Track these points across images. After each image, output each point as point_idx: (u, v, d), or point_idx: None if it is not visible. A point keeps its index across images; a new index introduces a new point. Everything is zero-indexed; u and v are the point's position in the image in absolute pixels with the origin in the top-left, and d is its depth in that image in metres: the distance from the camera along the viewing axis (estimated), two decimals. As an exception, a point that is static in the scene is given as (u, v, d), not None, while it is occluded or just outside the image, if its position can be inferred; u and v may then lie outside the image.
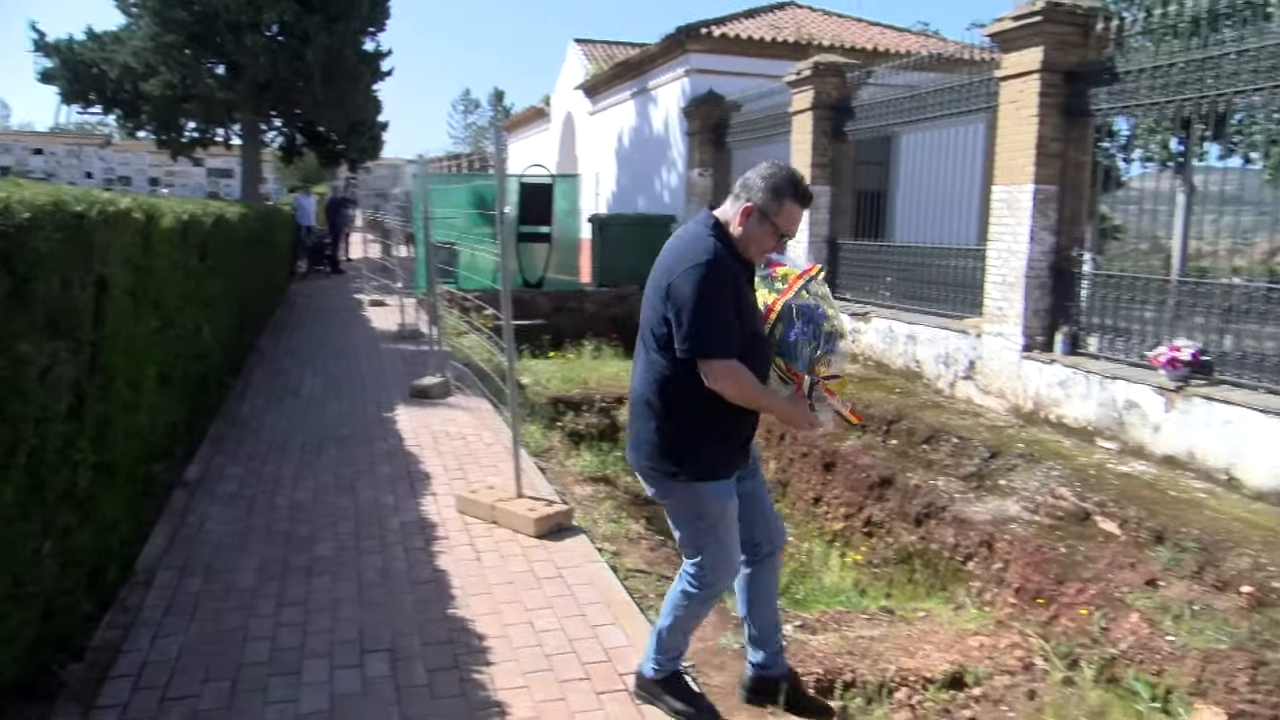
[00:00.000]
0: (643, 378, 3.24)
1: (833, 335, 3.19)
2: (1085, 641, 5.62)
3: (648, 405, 3.22)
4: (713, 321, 2.98)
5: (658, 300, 3.10)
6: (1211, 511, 5.99)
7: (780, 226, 3.13)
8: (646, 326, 3.20)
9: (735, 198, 3.18)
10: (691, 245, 3.08)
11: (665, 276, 3.07)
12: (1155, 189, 19.92)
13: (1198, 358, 6.88)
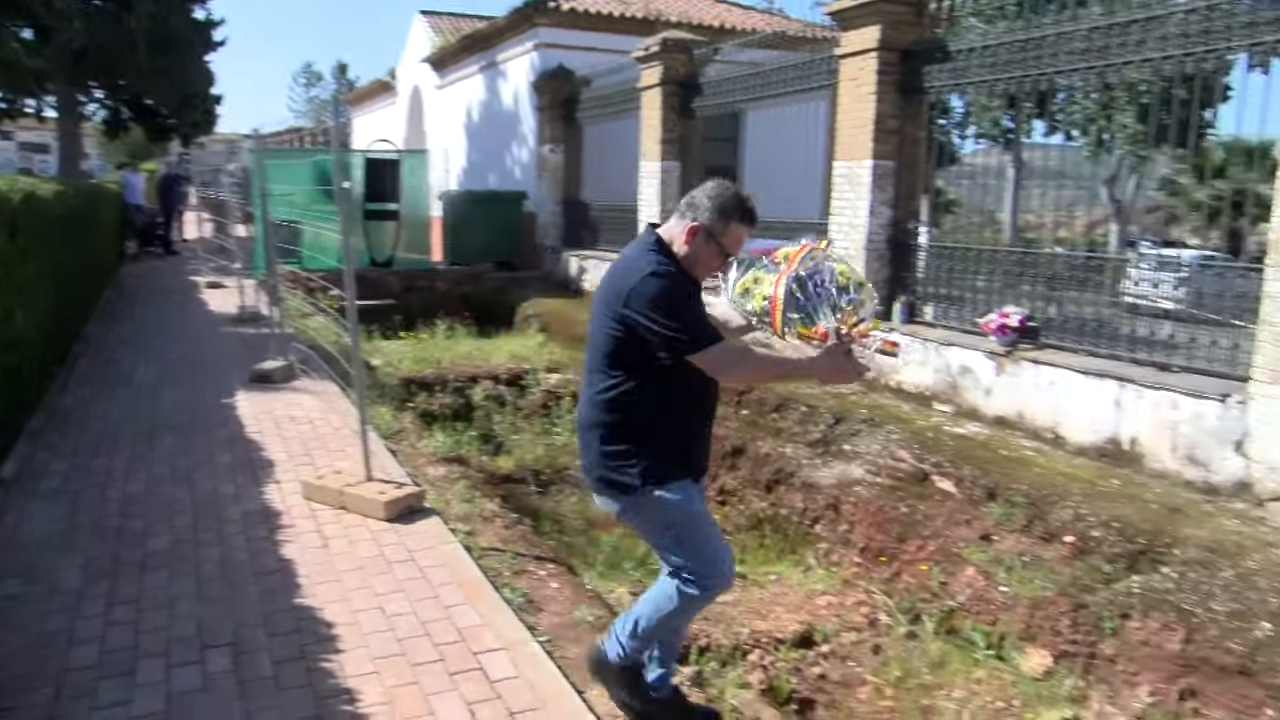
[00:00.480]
0: (591, 400, 3.16)
1: (848, 287, 3.06)
2: (926, 596, 5.92)
3: (597, 424, 3.14)
4: (690, 316, 2.95)
5: (610, 321, 3.03)
6: (1039, 468, 6.39)
7: (726, 246, 3.09)
8: (596, 349, 3.13)
9: (680, 216, 3.12)
10: (639, 261, 3.04)
11: (617, 297, 2.99)
12: (988, 165, 20.94)
13: (1025, 323, 7.30)
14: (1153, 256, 9.12)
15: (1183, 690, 4.68)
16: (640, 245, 3.13)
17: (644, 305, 2.92)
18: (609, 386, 3.08)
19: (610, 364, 3.06)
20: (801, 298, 2.99)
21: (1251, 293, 5.77)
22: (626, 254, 3.16)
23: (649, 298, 2.92)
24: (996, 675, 5.23)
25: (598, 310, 3.12)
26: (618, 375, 3.06)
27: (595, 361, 3.13)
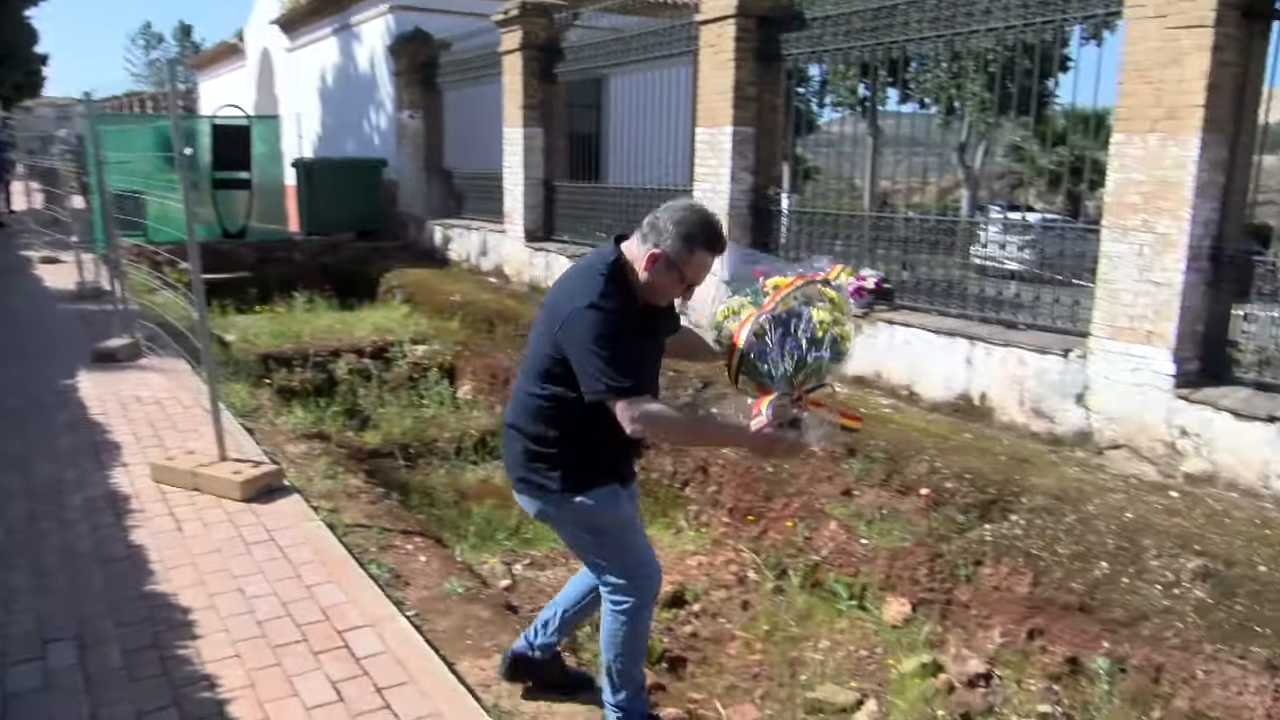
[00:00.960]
0: (522, 401, 3.05)
1: (822, 341, 2.80)
2: (792, 551, 6.10)
3: (523, 427, 3.05)
4: (619, 362, 2.75)
5: (547, 339, 2.92)
6: (896, 424, 6.64)
7: (688, 276, 2.89)
8: (533, 355, 3.02)
9: (643, 238, 2.90)
10: (583, 284, 2.86)
11: (557, 318, 2.87)
12: (847, 132, 21.46)
13: (880, 285, 7.55)
14: (1000, 220, 9.55)
15: (1031, 629, 4.98)
16: (593, 265, 2.93)
17: (574, 339, 2.79)
18: (540, 395, 2.97)
19: (544, 378, 2.95)
20: (766, 346, 2.79)
21: (1090, 253, 6.10)
22: (579, 269, 2.97)
23: (579, 333, 2.78)
24: (859, 625, 5.44)
25: (542, 318, 3.00)
26: (549, 388, 2.95)
27: (531, 365, 3.02)
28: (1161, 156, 5.40)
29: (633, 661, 3.25)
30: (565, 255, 11.39)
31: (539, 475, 3.02)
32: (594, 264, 2.92)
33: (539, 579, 5.75)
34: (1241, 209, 5.62)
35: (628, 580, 3.09)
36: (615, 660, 3.20)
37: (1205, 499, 5.23)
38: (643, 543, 3.22)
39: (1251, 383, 5.46)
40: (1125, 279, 5.63)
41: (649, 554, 3.21)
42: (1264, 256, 5.51)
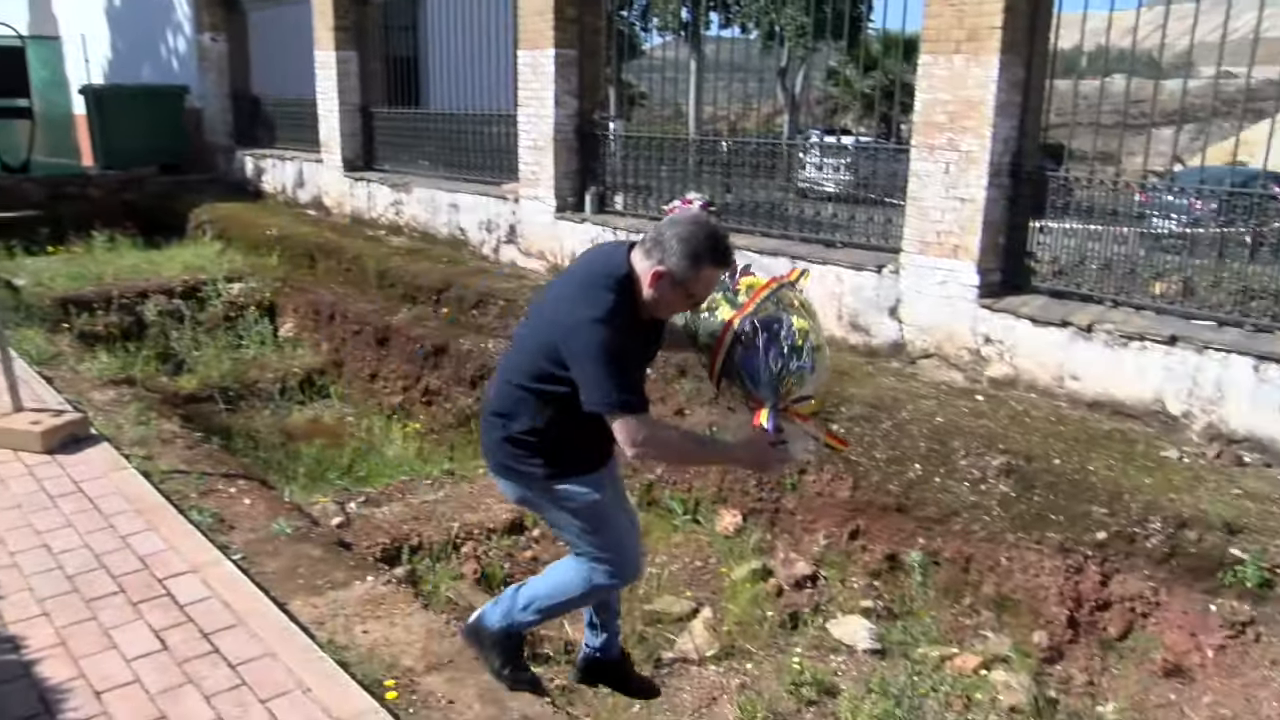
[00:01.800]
0: (506, 391, 2.91)
1: (802, 350, 2.75)
2: (628, 473, 6.20)
3: (506, 416, 2.91)
4: (622, 379, 2.66)
5: (545, 342, 2.77)
6: (724, 344, 6.80)
7: (694, 292, 2.77)
8: (525, 352, 2.87)
9: (647, 254, 2.74)
10: (588, 295, 2.72)
11: (557, 326, 2.74)
12: (671, 57, 21.48)
13: (706, 207, 7.65)
14: (818, 144, 9.81)
15: (852, 531, 5.28)
16: (599, 275, 2.78)
17: (578, 350, 2.68)
18: (529, 389, 2.85)
19: (536, 375, 2.82)
20: (748, 353, 2.75)
21: (902, 173, 6.36)
22: (585, 275, 2.83)
23: (584, 346, 2.66)
24: (694, 537, 5.63)
25: (539, 316, 2.90)
26: (540, 385, 2.82)
27: (521, 360, 2.88)
28: (965, 77, 5.65)
29: (560, 607, 3.25)
30: (387, 185, 11.02)
31: (521, 463, 2.93)
32: (601, 274, 2.78)
33: (374, 515, 5.65)
34: (1038, 128, 5.97)
35: (613, 566, 3.05)
36: (548, 595, 3.17)
37: (1008, 401, 5.62)
38: (624, 524, 3.13)
39: (1047, 291, 5.87)
40: (933, 196, 5.91)
41: (631, 538, 3.15)
42: (1057, 172, 5.89)
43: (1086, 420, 5.34)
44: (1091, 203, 5.81)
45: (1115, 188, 5.77)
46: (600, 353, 2.64)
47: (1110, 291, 5.68)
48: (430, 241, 10.31)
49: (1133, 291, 5.63)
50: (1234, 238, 5.44)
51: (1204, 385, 5.07)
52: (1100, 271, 5.75)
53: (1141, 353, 5.25)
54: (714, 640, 4.69)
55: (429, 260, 9.48)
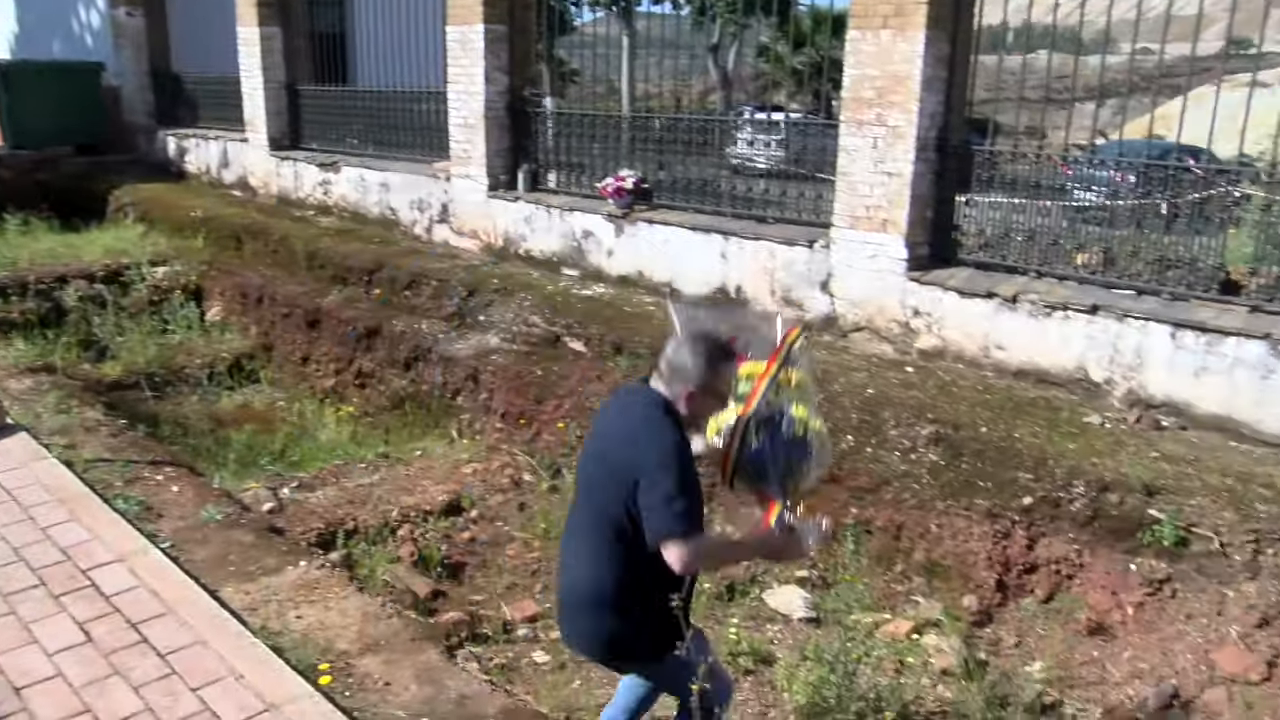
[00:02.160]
0: (597, 567, 2.80)
1: (804, 440, 2.80)
2: (565, 451, 6.20)
3: (607, 601, 2.81)
4: (693, 501, 2.67)
5: (617, 486, 2.70)
6: (660, 321, 6.81)
7: (722, 393, 2.82)
8: (603, 514, 2.78)
9: (669, 383, 2.78)
10: (650, 425, 2.73)
11: (629, 460, 2.69)
12: (604, 34, 21.34)
13: (639, 185, 7.66)
14: (749, 120, 9.86)
15: (787, 503, 5.33)
16: (647, 406, 2.80)
17: (664, 477, 2.64)
18: (617, 553, 2.77)
19: (621, 533, 2.74)
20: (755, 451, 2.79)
21: (832, 148, 6.40)
22: (634, 413, 2.82)
23: (667, 469, 2.64)
24: (632, 514, 5.65)
25: (606, 468, 2.82)
26: (633, 546, 2.72)
27: (600, 522, 2.80)
28: (892, 52, 5.71)
29: None
30: (315, 164, 10.81)
31: (641, 651, 2.88)
32: (647, 405, 2.80)
33: (308, 500, 5.58)
34: (963, 103, 6.06)
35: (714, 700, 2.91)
36: None
37: (936, 371, 5.73)
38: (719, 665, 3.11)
39: (973, 263, 5.98)
40: (862, 171, 5.98)
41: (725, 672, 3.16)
42: (982, 147, 5.99)
43: (1012, 389, 5.46)
44: (1016, 176, 5.93)
45: (1037, 161, 5.89)
46: (679, 478, 2.65)
47: (1035, 263, 5.81)
48: (361, 222, 10.15)
49: (1056, 262, 5.77)
50: (1152, 209, 5.59)
51: (1124, 352, 5.22)
52: (1024, 243, 5.87)
53: (1065, 322, 5.38)
54: (652, 614, 4.72)
55: (360, 241, 9.34)
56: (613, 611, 2.83)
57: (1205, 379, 5.00)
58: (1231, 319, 5.02)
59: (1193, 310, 5.16)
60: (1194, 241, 5.43)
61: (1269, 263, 5.24)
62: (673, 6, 22.46)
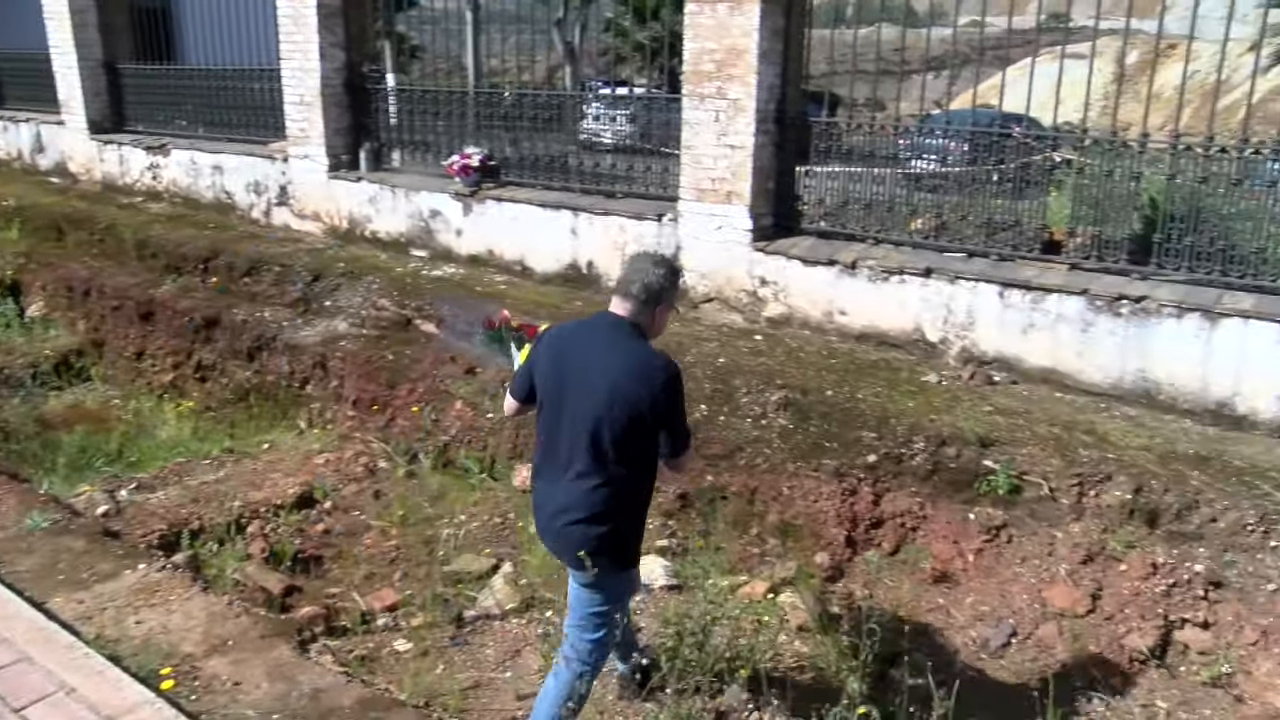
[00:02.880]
0: (596, 488, 3.09)
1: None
2: (421, 435, 6.10)
3: (604, 514, 3.10)
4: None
5: (625, 415, 3.03)
6: (511, 299, 6.77)
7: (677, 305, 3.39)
8: (608, 436, 3.04)
9: (643, 303, 3.13)
10: (641, 355, 3.10)
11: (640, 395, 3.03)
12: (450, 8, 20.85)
13: (485, 163, 7.56)
14: (592, 95, 9.82)
15: (645, 474, 5.40)
16: (629, 337, 3.14)
17: (671, 402, 3.10)
18: (620, 474, 3.09)
19: (624, 451, 3.07)
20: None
21: (678, 122, 6.46)
22: (611, 341, 3.13)
23: (675, 397, 3.11)
24: (491, 495, 5.61)
25: (605, 396, 3.04)
26: (630, 463, 3.10)
27: (604, 448, 3.05)
28: (729, 25, 5.80)
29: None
30: (142, 148, 10.24)
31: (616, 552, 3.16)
32: (627, 335, 3.14)
33: (149, 502, 5.32)
34: (800, 76, 6.21)
35: (604, 647, 3.31)
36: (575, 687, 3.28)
37: (784, 339, 5.88)
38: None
39: (816, 232, 6.16)
40: (705, 144, 6.06)
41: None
42: (819, 118, 6.15)
43: (855, 352, 5.67)
44: (852, 147, 6.13)
45: (871, 132, 6.09)
46: (681, 398, 3.16)
47: (873, 230, 6.02)
48: (194, 207, 9.68)
49: (893, 229, 5.99)
50: (979, 174, 5.87)
51: (957, 313, 5.49)
52: (863, 211, 6.08)
53: (901, 286, 5.61)
54: (515, 594, 4.71)
55: (193, 227, 8.91)
56: (609, 520, 3.13)
57: (1032, 335, 5.31)
58: (1053, 277, 5.34)
59: (1018, 270, 5.46)
60: (1019, 205, 5.73)
61: (1085, 223, 5.58)
62: (517, -20, 22.15)
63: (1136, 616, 4.13)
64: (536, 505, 3.35)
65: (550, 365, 3.22)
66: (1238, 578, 4.06)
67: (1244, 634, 3.94)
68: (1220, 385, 4.90)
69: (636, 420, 3.05)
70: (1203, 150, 5.11)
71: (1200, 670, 3.96)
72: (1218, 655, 3.95)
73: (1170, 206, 5.23)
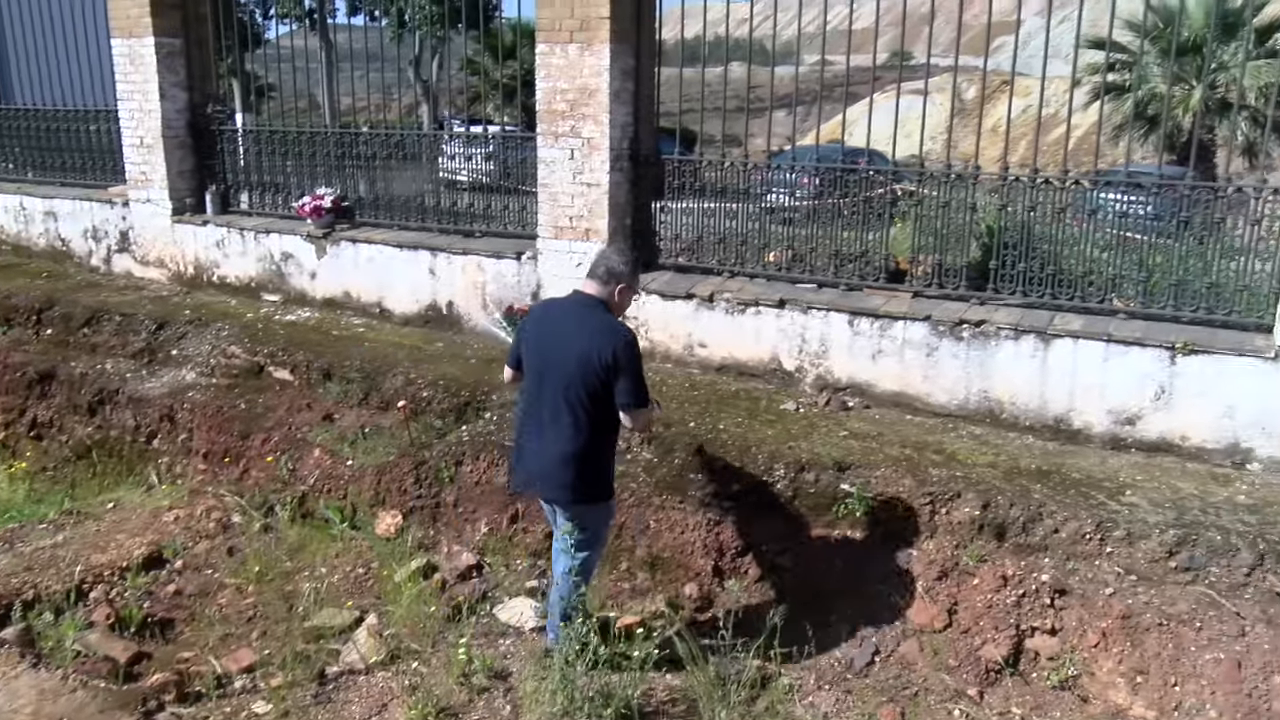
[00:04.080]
0: (573, 435, 3.89)
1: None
2: (277, 487, 5.91)
3: (579, 456, 3.91)
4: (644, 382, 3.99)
5: (591, 371, 3.80)
6: (370, 342, 6.66)
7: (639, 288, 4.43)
8: (579, 391, 3.84)
9: (605, 282, 3.95)
10: (606, 324, 3.90)
11: (602, 355, 3.79)
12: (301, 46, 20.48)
13: (339, 204, 7.43)
14: (450, 134, 9.77)
15: (511, 515, 5.35)
16: (595, 309, 3.94)
17: (629, 364, 3.83)
18: (590, 423, 3.89)
19: (593, 404, 3.85)
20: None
21: (535, 160, 6.49)
22: (581, 313, 3.93)
23: (633, 360, 3.86)
24: (353, 545, 5.46)
25: (579, 358, 3.81)
26: (598, 413, 3.88)
27: (576, 398, 3.85)
28: (580, 65, 5.88)
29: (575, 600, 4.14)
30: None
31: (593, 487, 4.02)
32: (593, 309, 3.94)
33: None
34: (652, 114, 6.34)
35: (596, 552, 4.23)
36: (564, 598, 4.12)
37: (647, 374, 5.94)
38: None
39: (673, 266, 6.28)
40: (561, 182, 6.12)
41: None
42: (671, 156, 6.29)
43: (716, 383, 5.78)
44: (706, 182, 6.27)
45: (722, 167, 6.25)
46: (639, 362, 3.92)
47: (730, 263, 6.18)
48: (25, 255, 9.18)
49: (748, 262, 6.16)
50: (828, 208, 6.09)
51: (811, 341, 5.67)
52: (718, 245, 6.23)
53: (757, 317, 5.76)
54: (380, 646, 4.59)
55: (25, 276, 8.45)
56: (584, 461, 3.93)
57: (881, 360, 5.53)
58: (898, 304, 5.58)
59: (866, 299, 5.69)
60: (865, 236, 5.97)
61: (927, 252, 5.86)
62: (370, 18, 21.92)
63: (990, 628, 4.32)
64: (518, 458, 4.14)
65: (533, 335, 4.03)
66: (1079, 584, 4.28)
67: (1086, 637, 4.17)
68: (1057, 402, 5.20)
69: (603, 375, 3.80)
70: (1029, 181, 5.44)
71: (1050, 675, 4.16)
72: (1064, 659, 4.16)
73: (1004, 235, 5.55)
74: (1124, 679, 4.02)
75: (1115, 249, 5.51)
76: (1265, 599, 3.97)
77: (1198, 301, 5.15)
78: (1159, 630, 4.02)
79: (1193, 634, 3.95)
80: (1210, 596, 4.05)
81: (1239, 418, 4.82)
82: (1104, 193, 5.58)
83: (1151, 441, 5.02)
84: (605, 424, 3.95)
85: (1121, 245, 5.49)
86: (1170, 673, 3.93)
